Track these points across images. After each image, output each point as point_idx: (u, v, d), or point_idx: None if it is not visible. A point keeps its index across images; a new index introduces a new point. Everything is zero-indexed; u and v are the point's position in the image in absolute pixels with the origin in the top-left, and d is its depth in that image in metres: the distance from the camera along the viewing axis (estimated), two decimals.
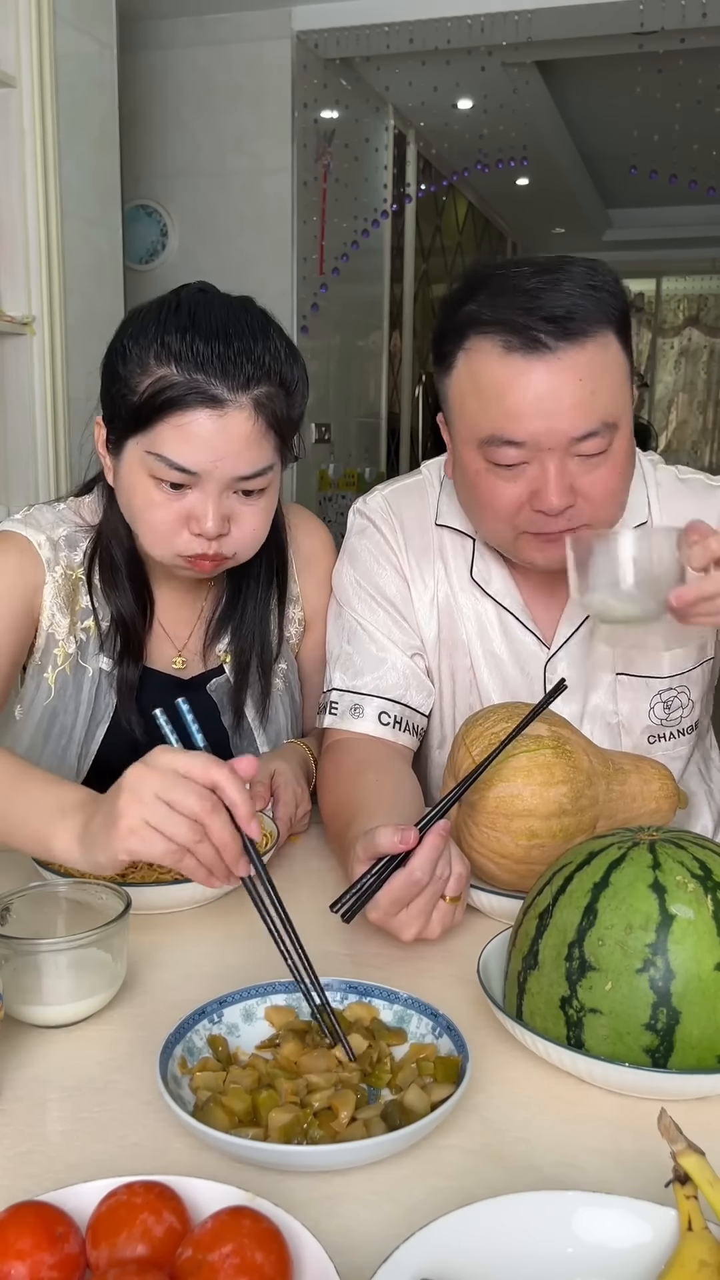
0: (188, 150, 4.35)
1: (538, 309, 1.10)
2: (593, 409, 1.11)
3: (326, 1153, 0.67)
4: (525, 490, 1.15)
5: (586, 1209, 0.60)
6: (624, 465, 1.17)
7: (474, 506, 1.23)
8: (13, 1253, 0.55)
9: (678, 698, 1.32)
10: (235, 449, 1.13)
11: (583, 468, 1.14)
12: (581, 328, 1.10)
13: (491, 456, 1.15)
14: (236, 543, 1.18)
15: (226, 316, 1.15)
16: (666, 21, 3.99)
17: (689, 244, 8.28)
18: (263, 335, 1.16)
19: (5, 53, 2.64)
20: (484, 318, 1.13)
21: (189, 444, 1.12)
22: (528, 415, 1.11)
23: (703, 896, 0.76)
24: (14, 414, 2.80)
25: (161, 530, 1.17)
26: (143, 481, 1.16)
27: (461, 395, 1.17)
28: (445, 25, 4.12)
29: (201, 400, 1.11)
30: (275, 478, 1.20)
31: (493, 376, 1.13)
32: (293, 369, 1.18)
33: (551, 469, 1.12)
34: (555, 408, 1.10)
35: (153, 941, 0.98)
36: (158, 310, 1.16)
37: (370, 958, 0.97)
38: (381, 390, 5.69)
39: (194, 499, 1.14)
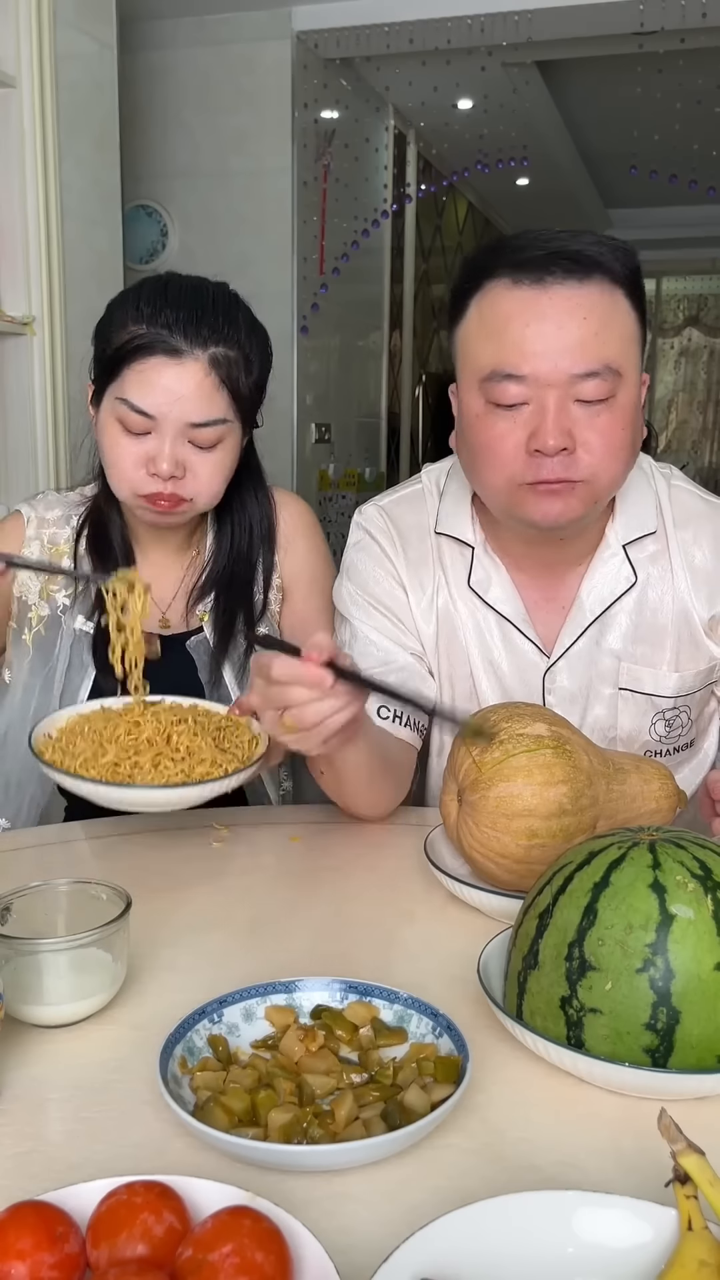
0: (188, 150, 4.35)
1: (548, 247, 1.13)
2: (596, 349, 1.12)
3: (326, 1153, 0.67)
4: (524, 433, 1.14)
5: (586, 1209, 0.60)
6: (628, 420, 1.16)
7: (474, 457, 1.21)
8: (13, 1253, 0.55)
9: (679, 716, 1.31)
10: (189, 394, 1.27)
11: (585, 414, 1.13)
12: (589, 269, 1.13)
13: (492, 395, 1.15)
14: (192, 488, 1.31)
15: (198, 291, 1.32)
16: (666, 21, 3.99)
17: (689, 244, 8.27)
18: (229, 309, 1.32)
19: (5, 53, 2.64)
20: (497, 262, 1.16)
21: (148, 387, 1.27)
22: (529, 348, 1.12)
23: (703, 896, 0.76)
24: (14, 414, 2.80)
25: (124, 469, 1.31)
26: (112, 426, 1.31)
27: (469, 338, 1.18)
28: (445, 25, 4.12)
29: (163, 348, 1.27)
30: (228, 435, 1.32)
31: (498, 311, 1.14)
32: (252, 342, 1.34)
33: (550, 405, 1.12)
34: (558, 341, 1.11)
35: (153, 941, 0.98)
36: (140, 283, 1.35)
37: (370, 958, 0.97)
38: (381, 390, 5.69)
39: (152, 442, 1.29)
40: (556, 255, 1.12)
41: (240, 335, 1.31)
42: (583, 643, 1.29)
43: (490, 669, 1.31)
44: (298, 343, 4.38)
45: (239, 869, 1.18)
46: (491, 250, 1.18)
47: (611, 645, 1.29)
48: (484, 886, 1.04)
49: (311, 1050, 0.78)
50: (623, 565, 1.28)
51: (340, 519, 4.83)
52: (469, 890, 1.04)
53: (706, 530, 1.29)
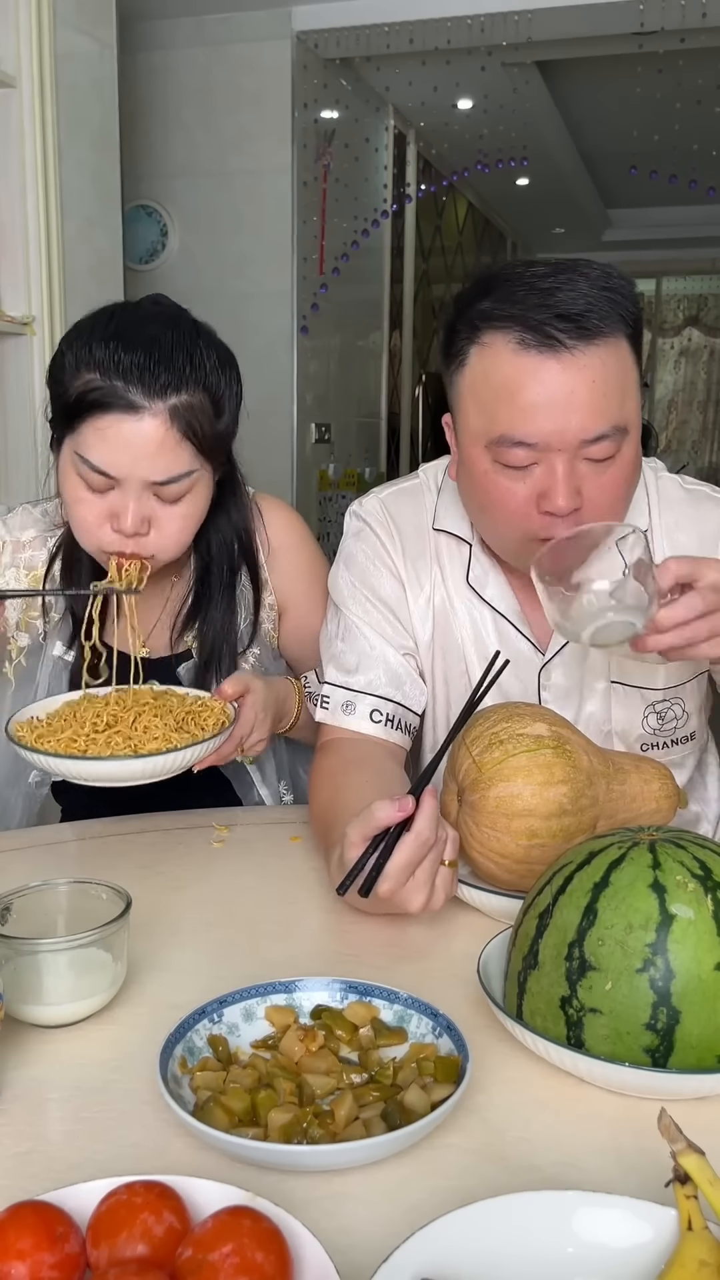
0: (188, 150, 4.35)
1: (553, 306, 1.09)
2: (604, 411, 1.11)
3: (326, 1153, 0.67)
4: (533, 491, 1.14)
5: (586, 1209, 0.60)
6: (630, 472, 1.17)
7: (481, 509, 1.22)
8: (13, 1253, 0.55)
9: (671, 709, 1.32)
10: (149, 453, 1.20)
11: (591, 471, 1.13)
12: (596, 327, 1.10)
13: (500, 457, 1.14)
14: (156, 544, 1.25)
15: (156, 329, 1.23)
16: (666, 21, 3.99)
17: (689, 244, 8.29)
18: (188, 347, 1.23)
19: (5, 53, 2.64)
20: (498, 313, 1.12)
21: (106, 446, 1.20)
22: (539, 415, 1.10)
23: (703, 896, 0.76)
24: (14, 414, 2.80)
25: (87, 526, 1.25)
26: (72, 479, 1.24)
27: (472, 392, 1.16)
28: (445, 25, 4.13)
29: (119, 405, 1.19)
30: (196, 484, 1.25)
31: (505, 374, 1.12)
32: (220, 380, 1.25)
33: (560, 470, 1.12)
34: (567, 409, 1.10)
35: (153, 941, 0.98)
36: (92, 321, 1.25)
37: (370, 958, 0.97)
38: (381, 390, 5.70)
39: (115, 498, 1.22)
40: (564, 317, 1.09)
41: (204, 376, 1.23)
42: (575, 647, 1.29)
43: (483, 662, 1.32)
44: (298, 343, 4.38)
45: (239, 869, 1.18)
46: (487, 292, 1.14)
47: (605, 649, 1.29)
48: (484, 886, 1.04)
49: (311, 1050, 0.78)
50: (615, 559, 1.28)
51: (340, 519, 4.79)
52: (469, 890, 1.04)
53: (688, 514, 1.31)
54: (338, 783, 1.20)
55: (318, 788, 1.24)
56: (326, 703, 1.30)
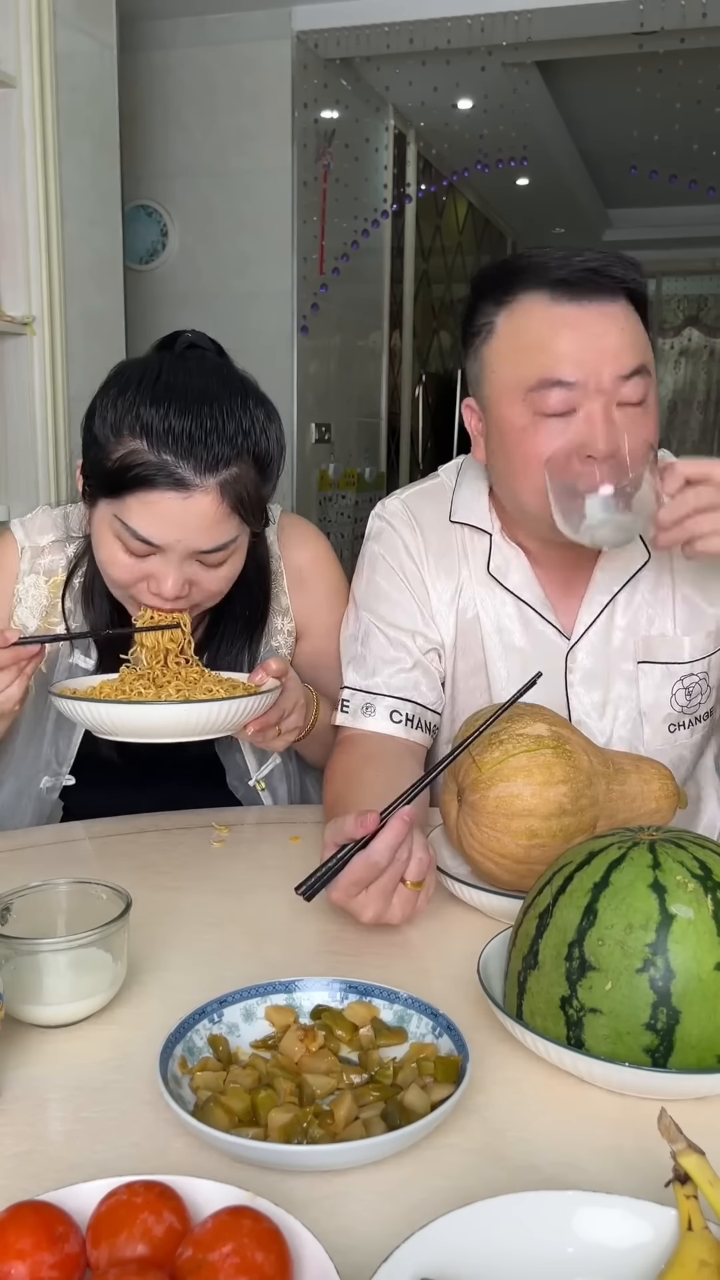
0: (188, 150, 4.35)
1: (576, 265, 1.17)
2: (635, 350, 1.17)
3: (326, 1153, 0.67)
4: (571, 442, 1.17)
5: (586, 1209, 0.60)
6: (655, 421, 1.22)
7: (517, 472, 1.21)
8: (13, 1253, 0.55)
9: (699, 684, 1.34)
10: (199, 527, 1.15)
11: (624, 418, 1.17)
12: (614, 290, 1.18)
13: (539, 405, 1.17)
14: (194, 601, 1.22)
15: (202, 387, 1.17)
16: (666, 21, 3.99)
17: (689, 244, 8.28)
18: (239, 408, 1.17)
19: (5, 53, 2.64)
20: (526, 278, 1.19)
21: (153, 520, 1.14)
22: (578, 354, 1.16)
23: (703, 896, 0.76)
24: (14, 414, 2.80)
25: (123, 581, 1.21)
26: (109, 540, 1.19)
27: (502, 355, 1.20)
28: (445, 25, 4.12)
29: (169, 482, 1.13)
30: (241, 543, 1.22)
31: (539, 326, 1.18)
32: (267, 440, 1.20)
33: (599, 411, 1.16)
34: (603, 346, 1.16)
35: (153, 941, 0.98)
36: (139, 376, 1.18)
37: (370, 958, 0.97)
38: (381, 390, 5.69)
39: (156, 563, 1.17)
40: (592, 273, 1.17)
41: (254, 442, 1.18)
42: (600, 622, 1.31)
43: (512, 654, 1.32)
44: (298, 343, 4.38)
45: (239, 869, 1.18)
46: (516, 271, 1.20)
47: (627, 621, 1.32)
48: (484, 886, 1.04)
49: (311, 1050, 0.78)
50: (636, 543, 1.30)
51: (340, 519, 4.82)
52: (469, 890, 1.04)
53: None
54: (350, 777, 1.20)
55: (331, 780, 1.24)
56: (346, 706, 1.30)
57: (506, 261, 1.23)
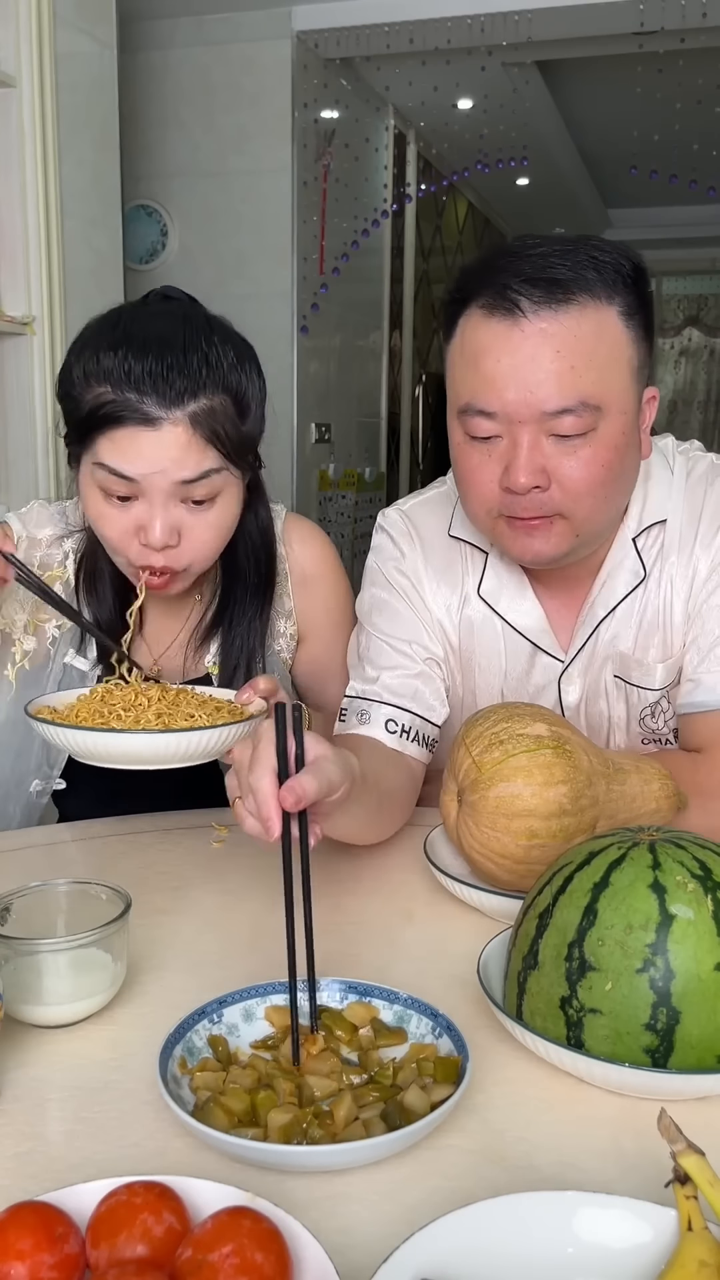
0: (188, 150, 4.35)
1: (522, 272, 1.07)
2: (571, 384, 1.06)
3: (326, 1153, 0.67)
4: (498, 468, 1.11)
5: (586, 1209, 0.60)
6: (610, 456, 1.10)
7: (459, 485, 1.19)
8: (13, 1253, 0.55)
9: (665, 713, 1.30)
10: (172, 458, 1.13)
11: (560, 449, 1.09)
12: (568, 296, 1.06)
13: (468, 428, 1.12)
14: (187, 555, 1.18)
15: (164, 328, 1.15)
16: (666, 21, 3.99)
17: (689, 244, 8.28)
18: (202, 345, 1.15)
19: (5, 53, 2.64)
20: (475, 281, 1.11)
21: (124, 455, 1.13)
22: (500, 384, 1.07)
23: (703, 896, 0.76)
24: (14, 414, 2.80)
25: (115, 542, 1.18)
26: (94, 494, 1.17)
27: (452, 363, 1.15)
28: (445, 25, 4.12)
29: (135, 418, 1.12)
30: (226, 487, 1.18)
31: (475, 342, 1.10)
32: (241, 375, 1.18)
33: (523, 443, 1.08)
34: (529, 378, 1.06)
35: (153, 941, 0.98)
36: (98, 326, 1.18)
37: (370, 958, 0.97)
38: (381, 390, 5.69)
39: (141, 509, 1.15)
40: (530, 282, 1.06)
41: (224, 375, 1.15)
42: (591, 640, 1.29)
43: (503, 677, 1.31)
44: (298, 343, 4.38)
45: (239, 869, 1.18)
46: (476, 269, 1.13)
47: (612, 634, 1.28)
48: (484, 886, 1.04)
49: (311, 1053, 0.78)
50: (634, 561, 1.26)
51: (340, 519, 4.82)
52: (469, 890, 1.04)
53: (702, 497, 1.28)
54: None
55: None
56: (344, 714, 1.28)
57: (480, 258, 1.14)
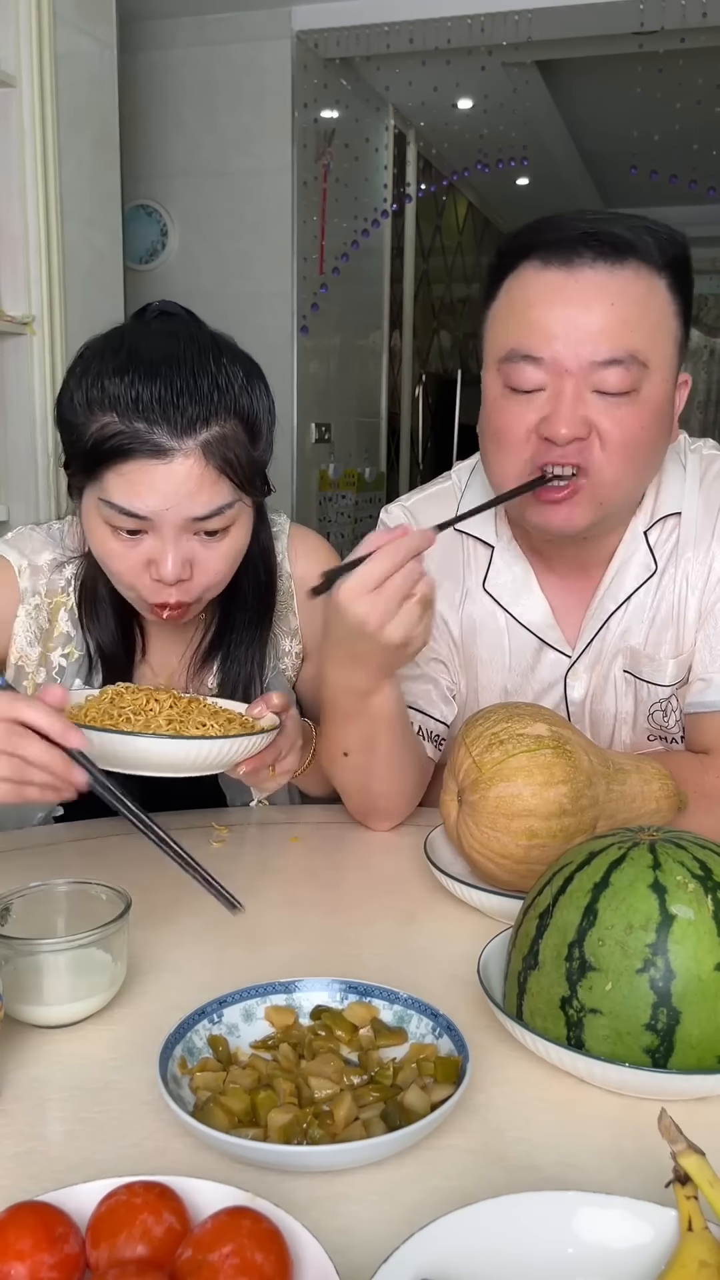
0: (188, 150, 4.35)
1: (582, 230, 1.08)
2: (622, 337, 1.06)
3: (326, 1153, 0.67)
4: (536, 418, 1.10)
5: (587, 1209, 0.60)
6: (649, 419, 1.10)
7: (487, 441, 1.18)
8: (13, 1253, 0.55)
9: (675, 711, 1.31)
10: (186, 493, 1.08)
11: (603, 404, 1.08)
12: (624, 257, 1.07)
13: (509, 378, 1.10)
14: (199, 586, 1.15)
15: (170, 349, 1.10)
16: (666, 21, 3.99)
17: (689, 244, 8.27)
18: (211, 366, 1.11)
19: (5, 53, 2.64)
20: (531, 240, 1.11)
21: (134, 492, 1.08)
22: (550, 331, 1.07)
23: (703, 897, 0.76)
24: (14, 414, 2.80)
25: (125, 578, 1.15)
26: (100, 529, 1.13)
27: (495, 318, 1.14)
28: (445, 25, 4.12)
29: (146, 450, 1.07)
30: (239, 516, 1.15)
31: (525, 292, 1.10)
32: (251, 398, 1.14)
33: (567, 393, 1.07)
34: (581, 326, 1.06)
35: (153, 941, 0.98)
36: (102, 350, 1.13)
37: (370, 958, 0.97)
38: (381, 390, 5.69)
39: (151, 544, 1.11)
40: (588, 237, 1.07)
41: (234, 399, 1.11)
42: (601, 634, 1.28)
43: (508, 673, 1.30)
44: (298, 343, 4.38)
45: (239, 869, 1.18)
46: (528, 230, 1.13)
47: (623, 628, 1.28)
48: (484, 886, 1.04)
49: (311, 1060, 0.78)
50: (645, 554, 1.26)
51: (340, 519, 4.82)
52: (469, 890, 1.04)
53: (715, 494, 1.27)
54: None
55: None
56: None
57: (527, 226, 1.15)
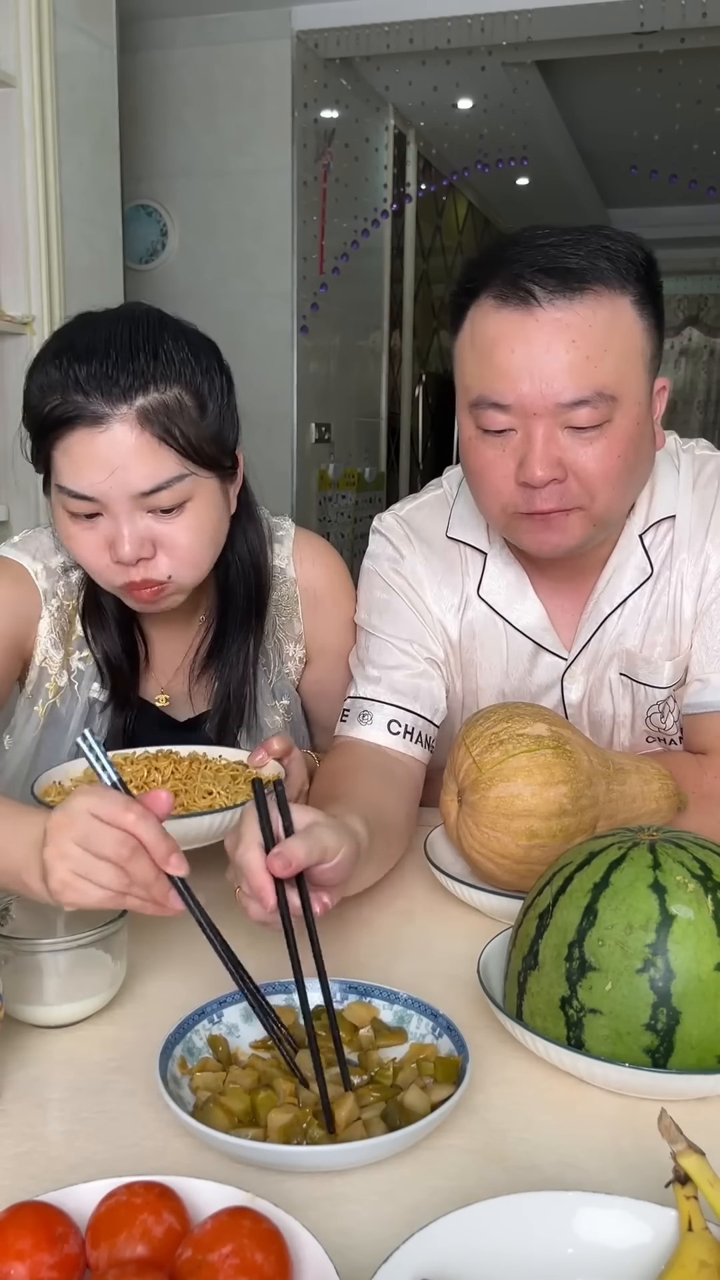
0: (188, 150, 4.35)
1: (535, 262, 1.05)
2: (588, 375, 1.05)
3: (326, 1153, 0.67)
4: (513, 462, 1.10)
5: (586, 1209, 0.60)
6: (626, 447, 1.10)
7: (469, 480, 1.18)
8: (13, 1253, 0.55)
9: (672, 712, 1.30)
10: (123, 463, 1.08)
11: (575, 441, 1.08)
12: (582, 286, 1.05)
13: (481, 421, 1.10)
14: (165, 565, 1.13)
15: (109, 332, 1.11)
16: (666, 21, 3.99)
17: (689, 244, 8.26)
18: (151, 344, 1.10)
19: (5, 53, 2.64)
20: (485, 271, 1.09)
21: (77, 466, 1.09)
22: (514, 376, 1.06)
23: (703, 897, 0.76)
24: (14, 414, 2.79)
25: (89, 562, 1.14)
26: (63, 519, 1.14)
27: (461, 355, 1.13)
28: (445, 25, 4.12)
29: (81, 419, 1.07)
30: (197, 491, 1.13)
31: (486, 334, 1.08)
32: (196, 371, 1.12)
33: (538, 436, 1.07)
34: (544, 369, 1.05)
35: (153, 942, 0.98)
36: (46, 344, 1.15)
37: (370, 958, 0.97)
38: (381, 390, 5.69)
39: (106, 525, 1.11)
40: (544, 272, 1.05)
41: (174, 370, 1.10)
42: (596, 637, 1.28)
43: (505, 675, 1.31)
44: (298, 343, 4.38)
45: None
46: (485, 259, 1.11)
47: (618, 631, 1.28)
48: (484, 886, 1.04)
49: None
50: (640, 558, 1.25)
51: (340, 519, 4.82)
52: (469, 890, 1.04)
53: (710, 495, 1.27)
54: (339, 777, 1.16)
55: (320, 778, 1.20)
56: (346, 715, 1.27)
57: (488, 248, 1.13)
